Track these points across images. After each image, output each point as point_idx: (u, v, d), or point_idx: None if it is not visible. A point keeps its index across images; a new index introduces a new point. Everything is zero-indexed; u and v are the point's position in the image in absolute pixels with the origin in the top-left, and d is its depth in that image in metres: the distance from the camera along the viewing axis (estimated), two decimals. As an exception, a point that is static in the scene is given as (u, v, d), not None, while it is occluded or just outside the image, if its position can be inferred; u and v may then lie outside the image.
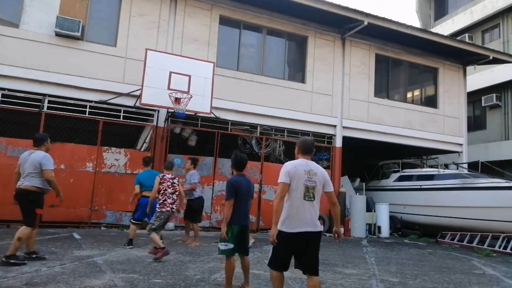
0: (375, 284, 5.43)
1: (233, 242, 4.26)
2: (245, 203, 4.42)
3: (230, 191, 4.29)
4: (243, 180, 4.45)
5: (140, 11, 10.52)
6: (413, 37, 12.96)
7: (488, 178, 11.49)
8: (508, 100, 17.68)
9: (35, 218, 5.11)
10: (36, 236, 5.59)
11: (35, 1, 9.54)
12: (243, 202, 4.36)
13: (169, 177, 6.40)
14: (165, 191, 6.28)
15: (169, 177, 6.39)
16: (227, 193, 4.31)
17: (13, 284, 4.22)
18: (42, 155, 5.22)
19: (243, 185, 4.38)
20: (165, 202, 6.24)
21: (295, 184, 3.53)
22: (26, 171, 5.15)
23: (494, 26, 18.91)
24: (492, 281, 6.13)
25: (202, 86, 9.94)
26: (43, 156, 5.21)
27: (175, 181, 6.43)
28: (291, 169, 3.56)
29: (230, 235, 4.26)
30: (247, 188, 4.45)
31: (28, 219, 5.10)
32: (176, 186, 6.41)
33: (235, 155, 4.59)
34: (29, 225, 5.10)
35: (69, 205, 9.11)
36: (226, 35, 11.74)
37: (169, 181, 6.35)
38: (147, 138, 10.29)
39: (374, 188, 14.28)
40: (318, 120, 12.40)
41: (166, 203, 6.25)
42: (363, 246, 9.66)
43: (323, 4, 11.42)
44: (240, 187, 4.34)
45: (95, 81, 9.79)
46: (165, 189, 6.30)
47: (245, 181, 4.47)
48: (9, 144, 8.83)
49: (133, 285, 4.50)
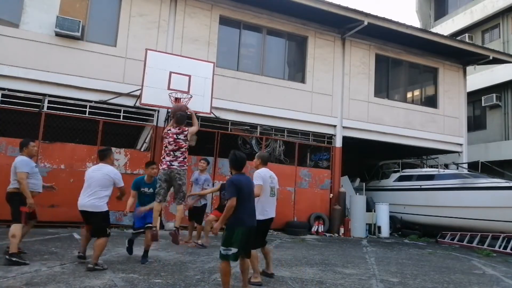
0: (375, 284, 5.43)
1: (238, 246, 4.01)
2: (249, 203, 4.26)
3: (232, 190, 4.10)
4: (244, 179, 4.29)
5: (140, 11, 10.52)
6: (413, 37, 12.96)
7: (488, 178, 11.49)
8: (508, 100, 17.68)
9: (21, 215, 5.46)
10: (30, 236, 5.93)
11: (35, 1, 9.54)
12: (246, 201, 4.18)
13: (174, 131, 5.43)
14: (165, 148, 5.41)
15: (173, 132, 5.41)
16: (228, 192, 4.13)
17: (13, 284, 4.22)
18: (19, 159, 5.59)
19: (244, 184, 4.21)
20: (162, 159, 5.40)
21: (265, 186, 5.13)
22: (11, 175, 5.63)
23: (494, 26, 18.92)
24: (492, 281, 6.13)
25: (202, 86, 9.94)
26: (19, 160, 5.57)
27: (180, 137, 5.40)
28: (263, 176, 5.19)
29: (235, 239, 4.00)
30: (249, 187, 4.30)
31: (15, 217, 5.47)
32: (180, 142, 5.39)
33: (233, 154, 4.40)
34: (17, 222, 5.43)
35: (69, 205, 9.09)
36: (226, 35, 11.74)
37: (172, 136, 5.49)
38: (147, 138, 10.29)
39: (374, 188, 14.27)
40: (318, 120, 12.40)
41: (163, 161, 5.39)
42: (363, 246, 9.66)
43: (323, 4, 11.42)
44: (242, 186, 4.16)
45: (95, 81, 9.79)
46: (166, 145, 5.41)
47: (246, 180, 4.32)
48: (9, 144, 8.83)
49: (133, 285, 4.50)
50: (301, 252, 7.79)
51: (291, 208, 11.57)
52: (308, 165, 12.70)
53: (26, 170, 5.44)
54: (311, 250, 8.18)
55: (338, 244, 9.58)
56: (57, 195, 9.04)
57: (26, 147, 5.70)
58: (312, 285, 5.09)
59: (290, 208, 11.54)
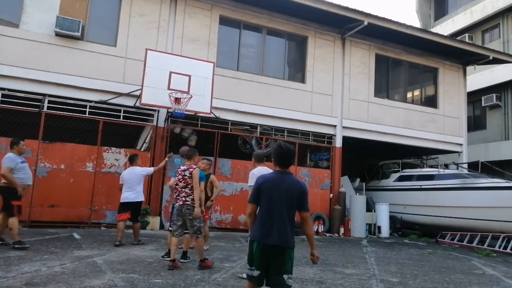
0: (375, 284, 5.43)
1: (256, 265, 3.07)
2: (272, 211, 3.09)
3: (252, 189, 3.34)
4: (277, 178, 3.18)
5: (140, 11, 10.52)
6: (413, 37, 12.95)
7: (488, 178, 11.49)
8: (508, 100, 17.68)
9: (12, 208, 6.07)
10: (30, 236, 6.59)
11: (35, 1, 9.54)
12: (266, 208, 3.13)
13: (182, 168, 5.73)
14: (176, 185, 5.74)
15: (182, 169, 5.72)
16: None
17: (13, 284, 4.22)
18: (6, 156, 6.21)
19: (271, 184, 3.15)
20: (177, 197, 5.73)
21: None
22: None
23: (494, 26, 18.91)
24: (492, 281, 6.13)
25: (202, 86, 9.94)
26: (5, 157, 6.19)
27: (186, 173, 5.66)
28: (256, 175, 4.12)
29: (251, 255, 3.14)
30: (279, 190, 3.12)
31: (7, 210, 6.11)
32: (187, 179, 5.64)
33: (279, 145, 3.29)
34: (10, 215, 6.08)
35: (69, 205, 9.13)
36: (226, 35, 11.74)
37: (181, 173, 5.70)
38: (147, 138, 10.29)
39: (374, 188, 14.27)
40: (318, 120, 12.40)
41: (178, 198, 5.69)
42: (363, 246, 9.66)
43: (323, 4, 11.42)
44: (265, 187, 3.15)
45: (95, 81, 9.79)
46: (177, 183, 5.72)
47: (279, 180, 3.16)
48: (9, 144, 8.81)
49: (133, 285, 4.50)
50: (301, 252, 7.78)
51: (291, 208, 11.55)
52: (308, 165, 12.70)
53: (9, 165, 6.04)
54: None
55: (338, 244, 9.57)
56: (57, 195, 9.10)
57: (17, 145, 6.35)
58: (312, 285, 5.09)
59: (290, 208, 11.52)
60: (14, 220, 6.05)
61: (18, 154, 6.32)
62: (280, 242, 3.03)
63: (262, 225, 3.10)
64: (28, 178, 6.40)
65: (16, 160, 6.16)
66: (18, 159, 6.22)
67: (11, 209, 6.06)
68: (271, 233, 3.04)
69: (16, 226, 6.07)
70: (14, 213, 6.08)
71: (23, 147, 6.50)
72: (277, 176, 3.19)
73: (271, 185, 3.14)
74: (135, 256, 6.16)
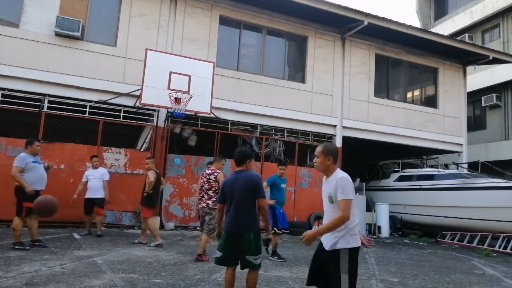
0: (375, 284, 5.43)
1: (220, 249, 3.80)
2: (233, 205, 3.82)
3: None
4: (235, 178, 3.93)
5: (140, 11, 10.52)
6: (413, 37, 12.95)
7: (488, 178, 11.49)
8: (508, 100, 17.68)
9: (22, 210, 6.05)
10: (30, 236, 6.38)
11: (35, 1, 9.54)
12: (229, 203, 3.88)
13: (207, 172, 6.41)
14: (202, 187, 6.39)
15: (207, 172, 6.40)
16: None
17: (13, 284, 4.22)
18: (18, 156, 6.24)
19: (231, 184, 3.89)
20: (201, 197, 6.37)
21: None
22: None
23: (494, 26, 18.91)
24: (492, 281, 6.13)
25: (202, 86, 9.94)
26: (17, 156, 6.24)
27: (211, 177, 6.30)
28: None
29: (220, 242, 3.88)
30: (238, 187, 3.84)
31: (18, 210, 6.11)
32: (212, 182, 6.28)
33: (236, 150, 4.21)
34: (17, 216, 6.06)
35: (69, 205, 9.10)
36: (226, 35, 11.74)
37: (206, 176, 6.35)
38: (147, 138, 10.29)
39: (374, 188, 14.27)
40: (318, 120, 12.40)
41: (202, 199, 6.34)
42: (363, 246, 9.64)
43: (323, 4, 11.42)
44: (227, 187, 3.91)
45: (95, 81, 9.79)
46: (202, 184, 6.39)
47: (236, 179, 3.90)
48: (9, 144, 8.83)
49: (133, 285, 4.50)
50: (301, 252, 7.79)
51: (291, 208, 11.55)
52: (308, 165, 12.69)
53: (18, 165, 6.06)
54: (311, 250, 8.13)
55: (338, 244, 9.55)
56: (57, 195, 9.03)
57: (31, 146, 6.34)
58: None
59: (290, 208, 11.52)
60: (17, 222, 6.06)
61: (31, 154, 6.29)
62: (238, 229, 3.75)
63: (227, 218, 3.85)
64: (38, 182, 6.25)
65: (26, 160, 6.14)
66: (29, 158, 6.19)
67: (21, 210, 6.07)
68: (232, 223, 3.78)
69: (20, 228, 6.07)
70: (22, 214, 6.07)
71: (37, 147, 6.46)
72: (235, 176, 3.94)
73: (231, 184, 3.88)
74: (135, 256, 6.16)
